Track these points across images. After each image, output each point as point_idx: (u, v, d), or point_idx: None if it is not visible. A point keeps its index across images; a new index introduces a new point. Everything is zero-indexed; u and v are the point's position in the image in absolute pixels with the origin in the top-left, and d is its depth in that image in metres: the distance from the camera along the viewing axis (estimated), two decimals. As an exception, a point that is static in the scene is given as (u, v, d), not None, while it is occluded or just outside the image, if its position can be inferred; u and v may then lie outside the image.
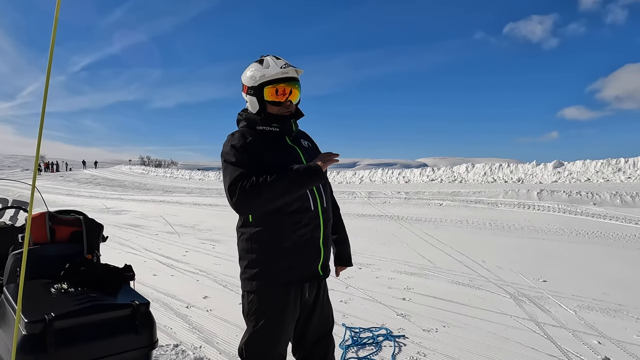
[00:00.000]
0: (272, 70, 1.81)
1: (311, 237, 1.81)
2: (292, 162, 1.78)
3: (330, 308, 2.04)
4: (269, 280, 1.79)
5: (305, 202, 1.79)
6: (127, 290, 2.06)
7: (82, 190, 25.59)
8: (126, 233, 9.75)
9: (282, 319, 1.80)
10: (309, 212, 1.80)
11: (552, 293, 4.71)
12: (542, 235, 8.53)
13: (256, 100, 1.85)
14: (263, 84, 1.82)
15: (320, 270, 1.87)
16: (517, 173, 16.97)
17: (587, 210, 10.54)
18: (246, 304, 1.84)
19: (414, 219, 10.99)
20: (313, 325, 1.94)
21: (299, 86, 1.89)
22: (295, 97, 1.88)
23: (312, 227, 1.81)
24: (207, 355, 3.20)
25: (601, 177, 14.49)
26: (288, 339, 1.89)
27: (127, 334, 1.81)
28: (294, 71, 1.85)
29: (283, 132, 1.87)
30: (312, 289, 1.89)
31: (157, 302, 4.51)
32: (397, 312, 4.17)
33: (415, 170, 20.58)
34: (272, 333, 1.80)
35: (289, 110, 1.87)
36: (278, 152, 1.81)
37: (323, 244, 1.86)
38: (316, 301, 1.93)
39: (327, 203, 1.91)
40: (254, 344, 1.82)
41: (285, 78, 1.82)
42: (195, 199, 18.24)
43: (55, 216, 2.26)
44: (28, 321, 1.58)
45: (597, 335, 3.56)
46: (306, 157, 1.87)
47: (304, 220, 1.79)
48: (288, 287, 1.80)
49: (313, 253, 1.84)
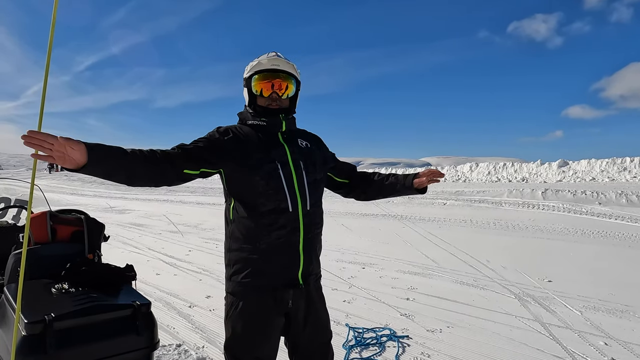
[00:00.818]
0: (261, 60, 1.79)
1: (287, 241, 1.71)
2: (275, 159, 1.72)
3: (327, 319, 1.92)
4: (245, 283, 1.72)
5: (282, 203, 1.69)
6: (128, 290, 2.04)
7: (86, 189, 25.68)
8: (130, 232, 9.76)
9: (259, 325, 1.72)
10: (285, 213, 1.69)
11: (558, 293, 4.67)
12: (547, 234, 8.47)
13: (247, 91, 1.83)
14: (252, 75, 1.80)
15: (300, 278, 1.75)
16: (521, 172, 16.89)
17: (592, 209, 10.46)
18: (225, 306, 1.79)
19: (418, 218, 10.95)
20: (307, 336, 1.84)
21: (294, 82, 1.83)
22: (287, 91, 1.82)
23: (288, 229, 1.70)
24: (209, 355, 3.19)
25: (606, 177, 14.40)
26: (270, 347, 1.77)
27: (128, 335, 1.79)
28: (286, 64, 1.80)
29: (270, 128, 1.79)
30: (298, 297, 1.77)
31: (160, 301, 4.50)
32: (401, 312, 4.14)
33: (419, 170, 20.55)
34: (248, 338, 1.72)
35: (277, 104, 1.81)
36: (263, 147, 1.74)
37: (304, 249, 1.74)
38: (308, 312, 1.81)
39: (313, 206, 1.78)
40: (231, 348, 1.76)
41: (275, 70, 1.78)
42: (198, 198, 18.25)
43: (56, 215, 2.24)
44: (28, 322, 1.57)
45: (604, 337, 3.52)
46: (295, 157, 1.77)
47: (280, 222, 1.69)
48: (264, 292, 1.72)
49: (290, 258, 1.73)
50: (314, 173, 1.83)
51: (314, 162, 1.85)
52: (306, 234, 1.74)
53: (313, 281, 1.84)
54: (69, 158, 1.32)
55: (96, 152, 1.39)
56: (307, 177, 1.78)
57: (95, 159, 1.39)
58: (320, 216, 1.87)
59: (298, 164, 1.77)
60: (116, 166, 1.47)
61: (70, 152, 1.32)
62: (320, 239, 1.88)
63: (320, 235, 1.88)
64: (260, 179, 1.69)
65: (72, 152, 1.33)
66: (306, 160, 1.81)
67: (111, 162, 1.45)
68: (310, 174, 1.80)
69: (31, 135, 1.28)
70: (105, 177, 1.47)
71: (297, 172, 1.75)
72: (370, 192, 2.09)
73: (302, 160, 1.79)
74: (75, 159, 1.34)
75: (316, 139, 1.99)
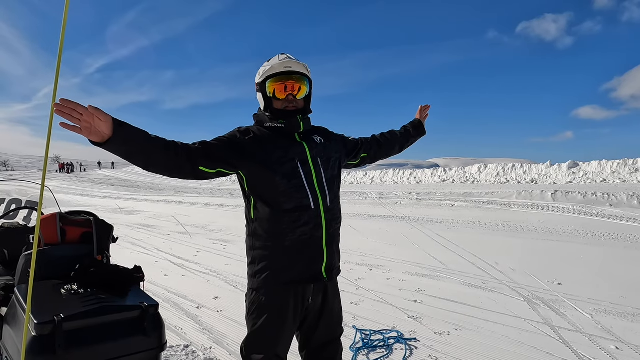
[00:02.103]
0: (273, 63, 1.81)
1: (312, 237, 1.75)
2: (295, 158, 1.76)
3: (339, 315, 1.97)
4: (268, 279, 1.75)
5: (304, 200, 1.73)
6: (136, 291, 2.05)
7: (95, 190, 25.95)
8: (138, 233, 9.83)
9: (281, 320, 1.76)
10: (308, 210, 1.73)
11: (568, 296, 4.61)
12: (557, 236, 8.38)
13: (262, 96, 1.85)
14: (266, 79, 1.82)
15: (324, 272, 1.81)
16: (530, 174, 16.73)
17: (603, 211, 10.34)
18: (247, 302, 1.83)
19: (426, 220, 10.90)
20: (320, 331, 1.89)
21: (307, 82, 1.85)
22: (302, 92, 1.84)
23: (312, 226, 1.74)
24: (217, 357, 3.20)
25: (617, 178, 14.21)
26: (288, 342, 1.83)
27: (135, 336, 1.80)
28: (298, 65, 1.81)
29: (289, 129, 1.82)
30: (317, 293, 1.84)
31: (168, 302, 4.53)
32: (409, 315, 4.12)
33: (427, 171, 20.43)
34: (270, 334, 1.76)
35: (294, 105, 1.83)
36: (283, 147, 1.78)
37: (327, 244, 1.79)
38: (324, 307, 1.87)
39: (333, 202, 1.83)
40: (252, 344, 1.79)
41: (288, 72, 1.80)
42: (206, 200, 18.34)
43: (66, 217, 2.26)
44: (38, 322, 1.58)
45: (615, 340, 3.47)
46: (313, 154, 1.82)
47: (303, 219, 1.73)
48: (288, 288, 1.76)
49: (314, 254, 1.77)
50: (332, 169, 1.89)
51: (329, 157, 1.90)
52: (328, 229, 1.80)
53: (335, 275, 1.90)
54: (95, 130, 1.34)
55: (123, 130, 1.41)
56: (325, 174, 1.83)
57: (121, 136, 1.41)
58: (340, 211, 1.92)
59: (316, 161, 1.82)
60: (139, 148, 1.49)
61: (97, 123, 1.34)
62: (339, 233, 1.93)
63: (339, 230, 1.93)
64: (281, 178, 1.72)
65: (100, 124, 1.34)
66: (323, 156, 1.86)
67: (135, 144, 1.47)
68: (327, 170, 1.85)
69: (63, 103, 1.30)
70: (125, 157, 1.49)
71: (316, 169, 1.80)
72: (389, 150, 2.33)
73: (320, 157, 1.84)
74: (101, 131, 1.36)
75: (326, 132, 2.02)
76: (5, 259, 2.70)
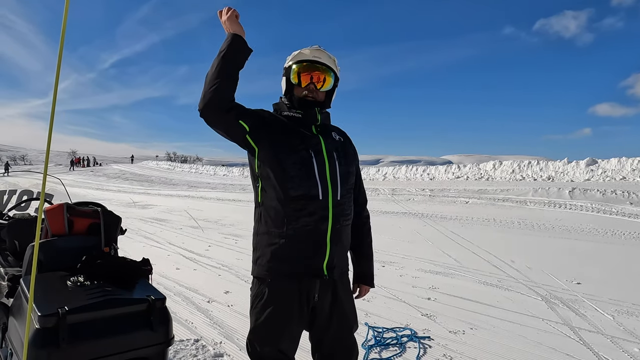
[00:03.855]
0: (303, 51, 1.81)
1: (315, 229, 1.67)
2: (309, 148, 1.72)
3: (352, 319, 1.88)
4: (269, 267, 1.70)
5: (312, 189, 1.67)
6: (143, 284, 2.01)
7: (110, 184, 26.25)
8: (151, 227, 9.89)
9: (284, 315, 1.70)
10: (315, 200, 1.67)
11: (587, 296, 4.47)
12: (575, 235, 8.18)
13: (285, 80, 1.84)
14: (292, 65, 1.81)
15: (325, 269, 1.72)
16: (547, 171, 16.40)
17: (623, 209, 10.06)
18: (251, 295, 1.78)
19: (439, 216, 10.75)
20: (330, 335, 1.81)
21: (332, 75, 1.82)
22: (325, 85, 1.81)
23: (317, 217, 1.67)
24: (227, 351, 3.16)
25: (638, 176, 13.83)
26: (294, 339, 1.76)
27: (142, 330, 1.76)
28: (327, 57, 1.80)
29: (306, 119, 1.78)
30: (324, 291, 1.75)
31: (179, 295, 4.51)
32: (422, 312, 4.03)
33: (440, 168, 20.17)
34: (272, 328, 1.70)
35: (313, 96, 1.79)
36: (298, 136, 1.74)
37: (331, 240, 1.71)
38: (333, 308, 1.78)
39: (344, 197, 1.76)
40: (254, 338, 1.75)
41: (316, 62, 1.78)
42: (219, 194, 18.41)
43: (73, 208, 2.23)
44: (41, 314, 1.54)
45: (638, 342, 3.33)
46: (329, 147, 1.76)
47: (309, 209, 1.66)
48: (291, 281, 1.70)
49: (316, 247, 1.69)
50: (347, 165, 1.82)
51: (347, 154, 1.84)
52: (334, 224, 1.71)
53: (338, 275, 1.79)
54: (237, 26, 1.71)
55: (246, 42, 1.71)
56: (340, 168, 1.76)
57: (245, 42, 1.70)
58: (351, 208, 1.84)
59: (332, 154, 1.76)
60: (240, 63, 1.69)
61: None
62: (348, 231, 1.84)
63: (349, 228, 1.84)
64: (292, 163, 1.68)
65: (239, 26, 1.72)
66: (341, 151, 1.81)
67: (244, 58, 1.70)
68: (343, 165, 1.79)
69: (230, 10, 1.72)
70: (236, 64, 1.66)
71: (330, 161, 1.74)
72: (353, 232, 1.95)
73: (336, 151, 1.78)
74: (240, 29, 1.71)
75: (348, 137, 1.97)
76: (16, 249, 2.68)
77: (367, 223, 2.04)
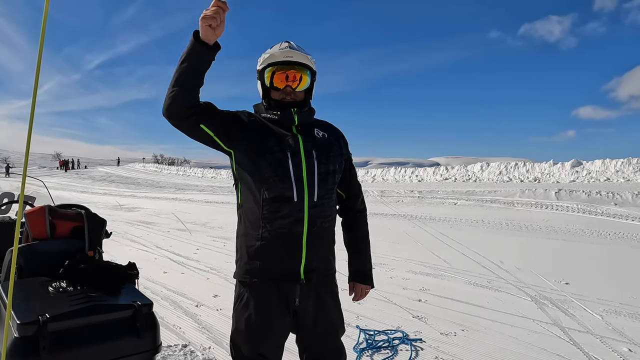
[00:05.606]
0: (273, 51, 1.70)
1: (290, 232, 1.62)
2: (286, 148, 1.65)
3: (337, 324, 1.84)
4: (247, 269, 1.67)
5: (287, 191, 1.61)
6: (129, 289, 1.94)
7: (96, 187, 25.84)
8: (138, 230, 9.73)
9: (263, 320, 1.66)
10: (290, 202, 1.62)
11: (576, 296, 4.50)
12: (562, 235, 8.26)
13: (260, 84, 1.77)
14: (265, 67, 1.72)
15: (302, 273, 1.66)
16: (533, 172, 16.59)
17: (608, 210, 10.21)
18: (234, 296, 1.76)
19: (428, 218, 10.79)
20: (316, 340, 1.78)
21: (308, 73, 1.73)
22: (302, 84, 1.73)
23: (292, 220, 1.62)
24: (216, 357, 3.09)
25: (621, 177, 14.07)
26: (275, 344, 1.72)
27: (128, 337, 1.69)
28: (300, 55, 1.70)
29: (283, 120, 1.71)
30: (306, 296, 1.70)
31: (166, 300, 4.42)
32: (413, 314, 4.01)
33: (429, 169, 20.29)
34: (252, 332, 1.67)
35: (291, 97, 1.72)
36: (276, 136, 1.68)
37: (308, 242, 1.65)
38: (318, 313, 1.73)
39: (322, 198, 1.68)
40: (235, 341, 1.72)
41: (288, 62, 1.69)
42: (207, 197, 18.24)
43: (55, 210, 2.15)
44: (20, 322, 1.47)
45: (627, 342, 3.35)
46: (307, 146, 1.68)
47: (283, 211, 1.62)
48: (267, 283, 1.66)
49: (291, 250, 1.64)
50: (327, 164, 1.72)
51: (328, 152, 1.74)
52: (311, 227, 1.65)
53: (319, 278, 1.72)
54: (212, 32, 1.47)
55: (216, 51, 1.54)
56: (319, 168, 1.68)
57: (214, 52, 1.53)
58: (331, 209, 1.76)
59: (310, 153, 1.68)
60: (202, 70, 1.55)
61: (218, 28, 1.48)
62: (329, 233, 1.77)
63: (331, 229, 1.78)
64: (268, 164, 1.62)
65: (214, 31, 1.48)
66: (320, 150, 1.71)
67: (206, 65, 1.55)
68: (322, 164, 1.70)
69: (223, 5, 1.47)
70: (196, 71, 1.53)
71: (307, 161, 1.66)
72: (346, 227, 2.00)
73: (316, 150, 1.70)
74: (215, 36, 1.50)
75: (335, 131, 1.87)
76: None
77: (362, 216, 1.98)
